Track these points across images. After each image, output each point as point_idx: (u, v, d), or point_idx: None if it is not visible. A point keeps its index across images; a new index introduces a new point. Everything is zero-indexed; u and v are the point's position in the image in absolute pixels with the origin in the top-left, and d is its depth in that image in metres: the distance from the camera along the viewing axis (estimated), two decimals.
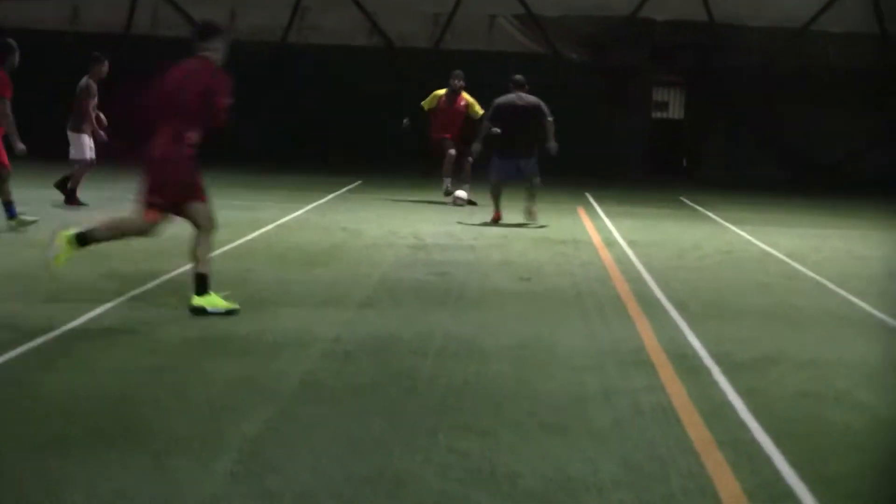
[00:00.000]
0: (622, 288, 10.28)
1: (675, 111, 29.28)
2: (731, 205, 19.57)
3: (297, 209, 15.55)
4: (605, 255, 12.46)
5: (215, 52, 8.63)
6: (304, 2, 27.13)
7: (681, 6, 26.81)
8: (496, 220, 15.15)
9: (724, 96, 26.64)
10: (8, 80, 12.42)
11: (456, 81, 17.75)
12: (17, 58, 12.59)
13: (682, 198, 20.57)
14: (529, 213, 15.27)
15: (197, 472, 4.92)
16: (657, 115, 28.83)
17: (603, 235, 14.21)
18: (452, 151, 17.18)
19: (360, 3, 27.06)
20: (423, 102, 17.93)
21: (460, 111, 17.58)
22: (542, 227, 14.88)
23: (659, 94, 28.87)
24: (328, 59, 26.54)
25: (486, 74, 26.13)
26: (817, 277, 11.38)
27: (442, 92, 17.81)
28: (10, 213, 12.48)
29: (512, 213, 15.60)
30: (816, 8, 26.44)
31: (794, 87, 26.23)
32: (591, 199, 19.28)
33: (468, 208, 16.81)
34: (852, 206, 20.59)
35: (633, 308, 9.30)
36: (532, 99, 15.32)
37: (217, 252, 11.14)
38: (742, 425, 5.97)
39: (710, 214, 17.69)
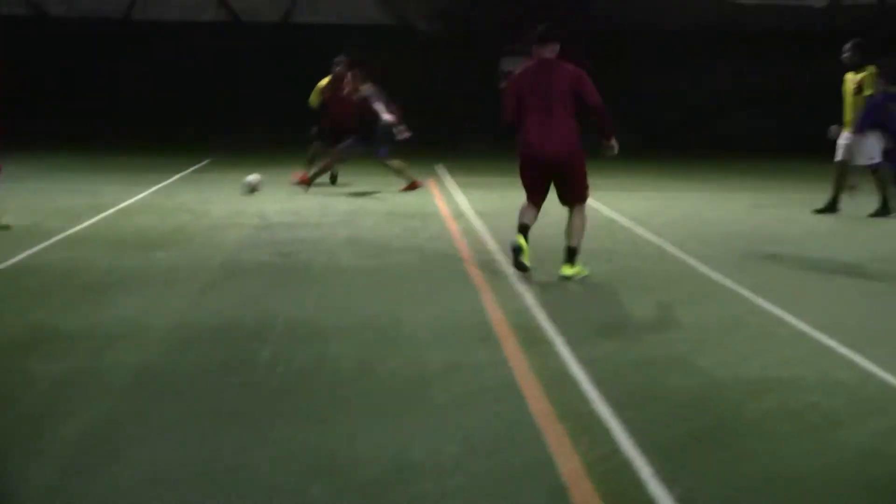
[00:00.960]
0: (468, 260, 10.27)
1: None
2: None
3: (141, 192, 15.17)
4: (453, 227, 12.44)
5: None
6: None
7: None
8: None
9: (572, 61, 26.80)
10: None
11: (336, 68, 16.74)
12: None
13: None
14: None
15: (21, 477, 4.74)
16: (504, 84, 28.90)
17: (452, 207, 14.20)
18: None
19: None
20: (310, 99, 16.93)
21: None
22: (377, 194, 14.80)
23: (508, 64, 28.94)
24: (175, 34, 26.02)
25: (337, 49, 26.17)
26: (658, 241, 11.54)
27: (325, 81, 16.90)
28: None
29: (364, 185, 15.52)
30: None
31: (640, 48, 26.65)
32: (442, 171, 19.25)
33: (325, 186, 16.58)
34: (701, 169, 20.97)
35: (479, 281, 9.29)
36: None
37: (49, 241, 10.87)
38: (583, 397, 6.00)
39: None
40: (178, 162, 19.52)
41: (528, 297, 8.59)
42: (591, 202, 14.75)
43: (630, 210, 13.96)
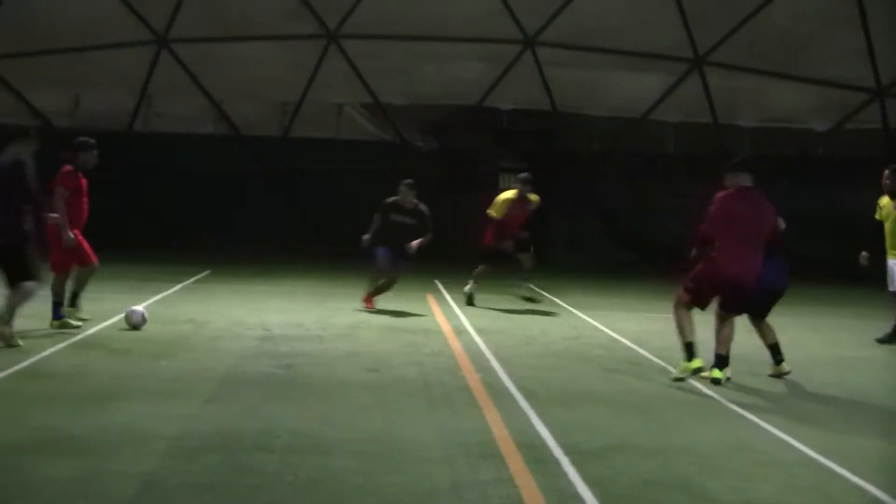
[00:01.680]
0: (471, 377, 10.26)
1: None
2: (577, 289, 19.86)
3: (144, 300, 15.19)
4: (455, 343, 12.45)
5: None
6: (149, 89, 26.84)
7: (525, 96, 27.38)
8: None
9: (567, 180, 27.11)
10: (71, 174, 12.39)
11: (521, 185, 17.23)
12: (90, 156, 12.67)
13: (529, 284, 20.76)
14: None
15: None
16: None
17: (452, 323, 14.22)
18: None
19: (206, 90, 26.88)
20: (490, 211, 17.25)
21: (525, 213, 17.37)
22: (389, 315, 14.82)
23: (505, 181, 29.26)
24: (175, 146, 26.28)
25: (335, 161, 26.49)
26: (661, 363, 11.55)
27: (510, 195, 17.28)
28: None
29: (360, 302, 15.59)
30: (654, 99, 27.28)
31: (634, 170, 27.01)
32: (440, 286, 19.32)
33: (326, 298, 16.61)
34: None
35: (482, 398, 9.28)
36: None
37: (58, 346, 10.88)
38: None
39: (556, 300, 17.87)
40: (180, 272, 19.60)
41: (532, 415, 8.57)
42: (591, 321, 14.88)
43: (630, 330, 13.98)
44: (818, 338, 14.38)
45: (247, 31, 26.19)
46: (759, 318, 11.15)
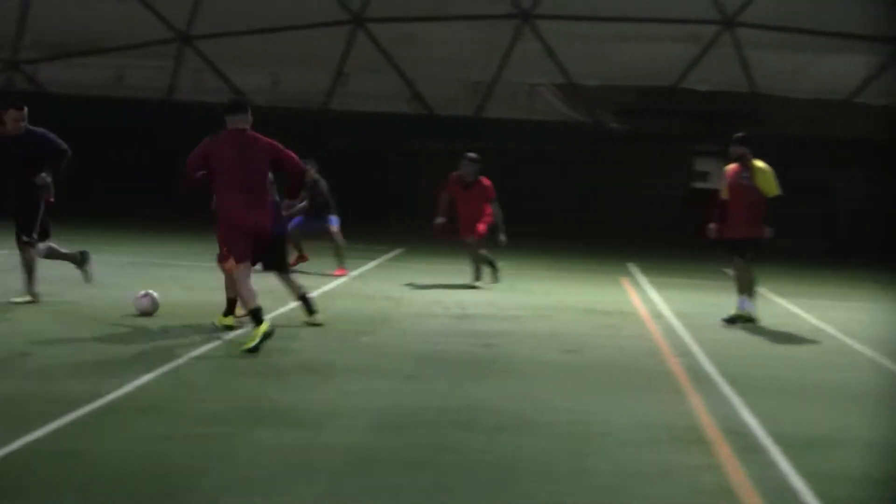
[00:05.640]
0: (672, 361, 10.09)
1: (717, 181, 29.04)
2: (777, 276, 19.30)
3: (340, 277, 15.47)
4: (653, 327, 12.26)
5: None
6: (344, 68, 27.26)
7: (722, 78, 26.80)
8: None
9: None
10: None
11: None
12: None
13: (725, 270, 20.33)
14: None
15: None
16: (698, 184, 28.65)
17: (649, 307, 14.01)
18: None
19: (400, 70, 27.15)
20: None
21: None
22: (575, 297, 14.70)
23: (700, 164, 28.73)
24: (369, 125, 26.62)
25: (525, 142, 26.42)
26: (870, 353, 11.14)
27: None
28: None
29: (562, 284, 15.52)
30: (857, 82, 26.33)
31: (835, 155, 26.07)
32: (634, 270, 19.08)
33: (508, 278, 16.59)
34: None
35: (684, 382, 9.11)
36: None
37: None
38: None
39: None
40: (373, 249, 19.85)
41: (736, 402, 8.35)
42: (794, 309, 14.45)
43: (837, 320, 13.51)
44: None
45: (441, 11, 26.36)
46: None
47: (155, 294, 11.19)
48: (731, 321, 12.57)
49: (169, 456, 6.19)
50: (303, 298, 11.04)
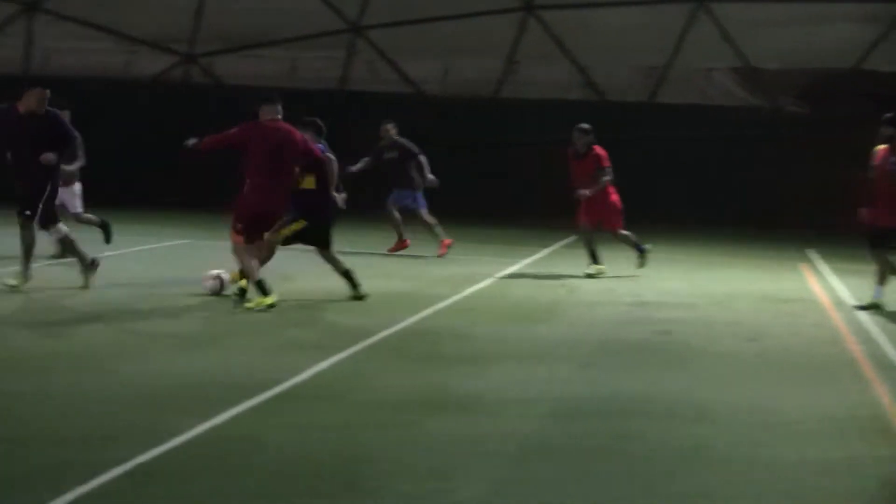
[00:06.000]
0: (856, 350, 9.79)
1: None
2: None
3: (513, 263, 15.46)
4: (835, 315, 11.91)
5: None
6: (515, 56, 27.23)
7: None
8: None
9: None
10: None
11: None
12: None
13: None
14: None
15: None
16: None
17: (830, 295, 13.60)
18: None
19: (572, 56, 27.01)
20: None
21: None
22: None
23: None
24: (541, 112, 26.52)
25: (701, 128, 25.93)
26: None
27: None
28: None
29: (738, 272, 15.26)
30: None
31: None
32: (814, 256, 18.56)
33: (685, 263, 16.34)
34: None
35: (870, 373, 8.84)
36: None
37: (437, 307, 11.25)
38: None
39: None
40: (546, 236, 19.75)
41: None
42: None
43: None
44: None
45: None
46: None
47: (225, 276, 11.42)
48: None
49: (346, 443, 6.29)
50: (346, 275, 11.49)
